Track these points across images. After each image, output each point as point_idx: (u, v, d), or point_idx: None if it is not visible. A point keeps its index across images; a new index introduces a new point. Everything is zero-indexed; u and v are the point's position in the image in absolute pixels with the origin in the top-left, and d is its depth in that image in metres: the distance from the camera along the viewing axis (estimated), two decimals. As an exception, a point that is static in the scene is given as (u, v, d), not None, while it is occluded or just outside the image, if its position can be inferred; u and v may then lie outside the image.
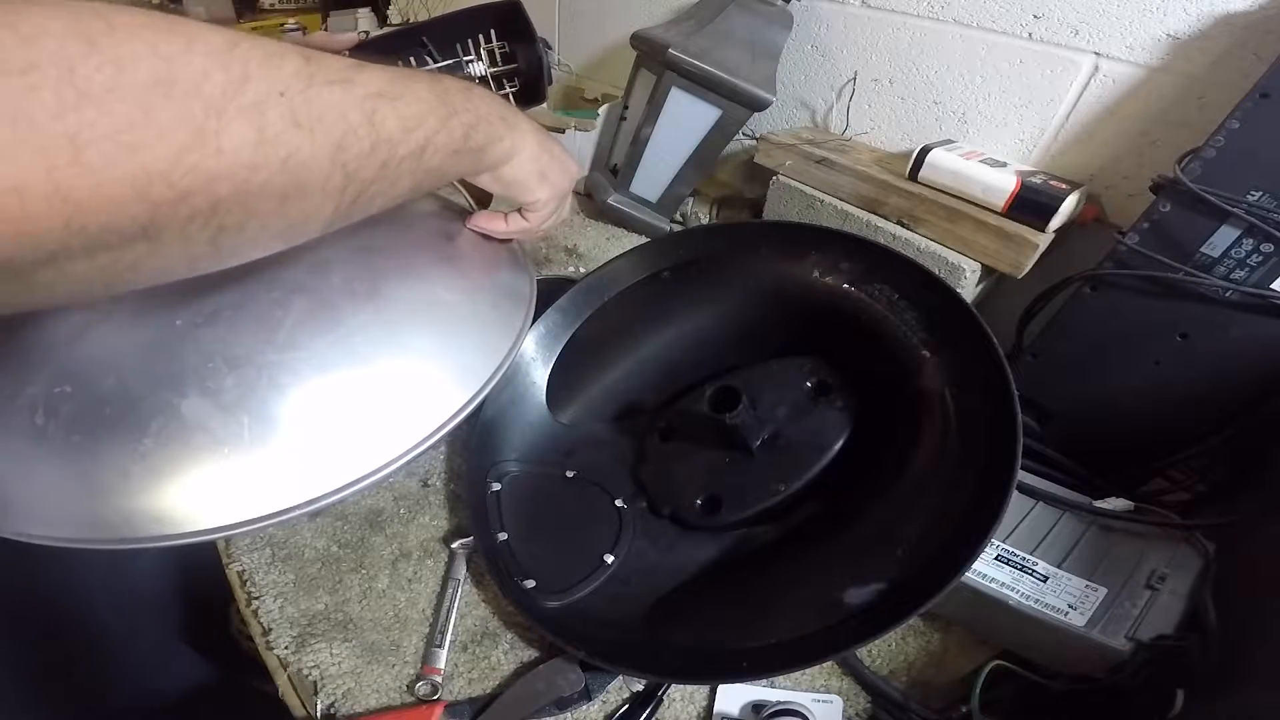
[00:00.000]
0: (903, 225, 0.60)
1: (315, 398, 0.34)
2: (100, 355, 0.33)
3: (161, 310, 0.34)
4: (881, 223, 0.61)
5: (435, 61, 0.46)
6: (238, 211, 0.22)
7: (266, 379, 0.33)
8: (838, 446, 0.42)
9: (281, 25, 2.30)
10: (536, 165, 0.40)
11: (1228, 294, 0.41)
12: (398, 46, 0.46)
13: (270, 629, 0.38)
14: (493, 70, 0.47)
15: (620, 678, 0.37)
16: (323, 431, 0.34)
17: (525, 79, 0.48)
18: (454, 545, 0.43)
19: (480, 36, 0.47)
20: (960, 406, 0.38)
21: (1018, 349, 0.53)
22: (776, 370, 0.47)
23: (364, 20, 1.45)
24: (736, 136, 0.70)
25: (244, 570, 0.41)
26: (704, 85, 0.64)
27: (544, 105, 0.92)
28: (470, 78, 0.47)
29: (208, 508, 0.31)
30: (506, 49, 0.48)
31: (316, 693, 0.36)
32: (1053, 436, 0.49)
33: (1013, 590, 0.36)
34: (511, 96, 0.49)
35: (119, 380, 0.33)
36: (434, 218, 0.49)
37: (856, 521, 0.39)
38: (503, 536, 0.42)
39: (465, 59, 0.47)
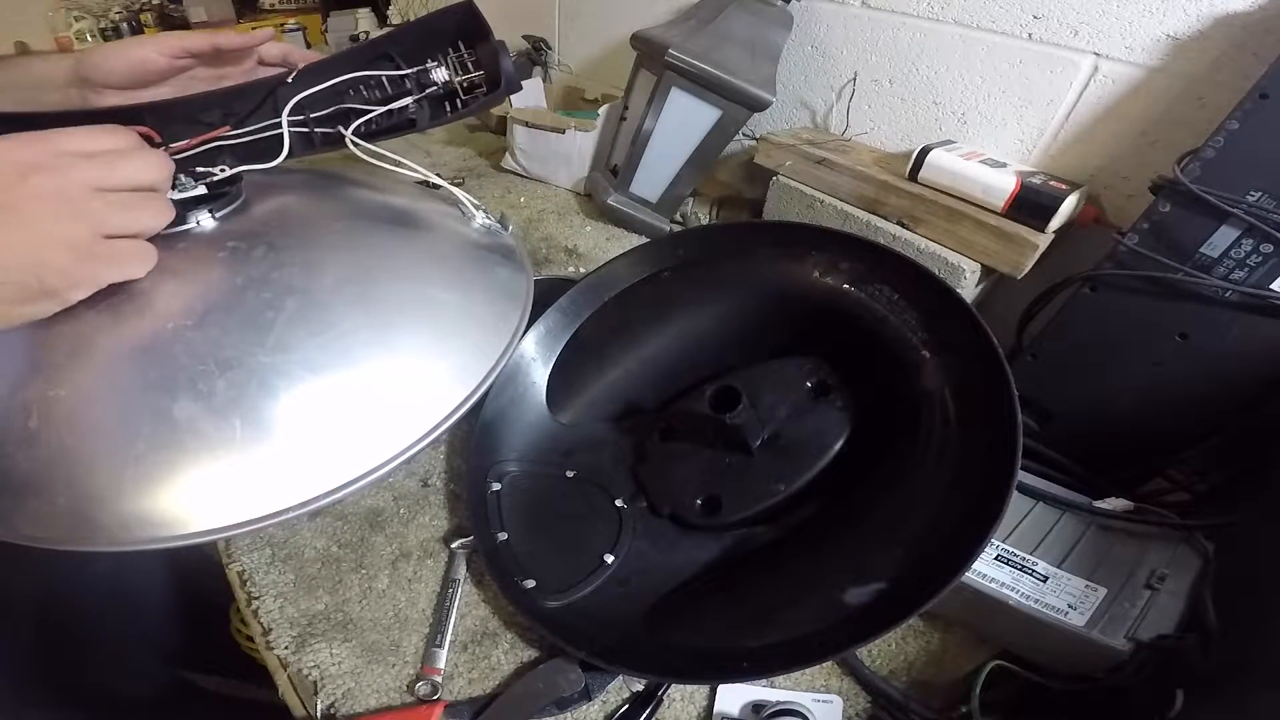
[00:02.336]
0: (903, 225, 0.60)
1: (308, 399, 0.34)
2: (92, 359, 0.33)
3: (152, 313, 0.34)
4: (881, 223, 0.61)
5: (401, 69, 0.47)
6: None
7: (258, 381, 0.33)
8: (838, 446, 0.42)
9: (281, 25, 2.30)
10: None
11: (1227, 294, 0.41)
12: (365, 61, 0.47)
13: (270, 629, 0.38)
14: (460, 79, 0.48)
15: (620, 678, 0.37)
16: (317, 432, 0.34)
17: (490, 81, 0.49)
18: (454, 545, 0.43)
19: (448, 47, 0.48)
20: (960, 406, 0.38)
21: (1018, 349, 0.53)
22: (776, 370, 0.47)
23: (364, 20, 1.46)
24: (736, 137, 0.70)
25: (244, 570, 0.41)
26: (704, 85, 0.65)
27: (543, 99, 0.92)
28: (434, 83, 0.47)
29: (202, 510, 0.31)
30: (475, 57, 0.48)
31: (316, 693, 0.36)
32: (1053, 436, 0.49)
33: (1013, 590, 0.36)
34: (480, 99, 0.50)
35: (111, 384, 0.33)
36: (429, 216, 0.49)
37: (856, 521, 0.39)
38: (503, 536, 0.42)
39: (431, 65, 0.47)
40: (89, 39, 2.15)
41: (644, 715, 0.35)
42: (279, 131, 0.45)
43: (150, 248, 0.34)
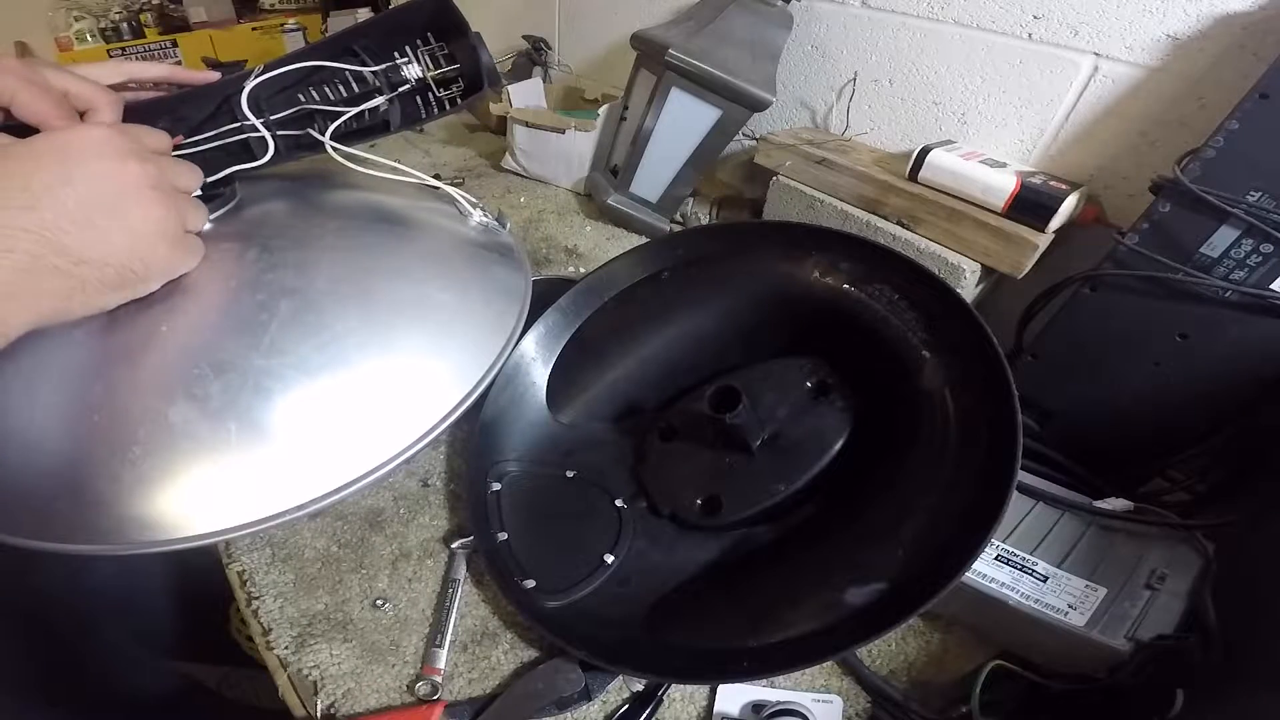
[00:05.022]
0: (903, 225, 0.60)
1: (305, 401, 0.34)
2: (88, 362, 0.33)
3: (146, 316, 0.34)
4: (881, 223, 0.61)
5: (368, 66, 0.45)
6: None
7: (253, 384, 0.33)
8: (838, 446, 0.42)
9: (281, 25, 2.30)
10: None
11: (1227, 294, 0.41)
12: (326, 57, 0.45)
13: (270, 629, 0.38)
14: (433, 74, 0.46)
15: (620, 678, 0.37)
16: (315, 434, 0.34)
17: (467, 77, 0.47)
18: (454, 545, 0.43)
19: (417, 40, 0.46)
20: (960, 406, 0.38)
21: (1018, 349, 0.53)
22: (776, 370, 0.47)
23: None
24: (736, 137, 0.70)
25: (244, 570, 0.41)
26: (704, 85, 0.64)
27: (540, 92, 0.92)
28: (406, 80, 0.46)
29: (200, 513, 0.31)
30: (446, 50, 0.47)
31: (316, 693, 0.36)
32: (1053, 436, 0.49)
33: (1013, 590, 0.36)
34: (457, 99, 0.48)
35: (107, 387, 0.33)
36: (425, 215, 0.49)
37: (856, 521, 0.39)
38: (503, 536, 0.42)
39: (401, 60, 0.46)
40: (89, 39, 2.15)
41: (644, 715, 0.35)
42: (239, 138, 0.43)
43: (200, 242, 0.36)
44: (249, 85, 0.43)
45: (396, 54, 0.46)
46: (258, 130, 0.43)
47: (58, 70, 0.38)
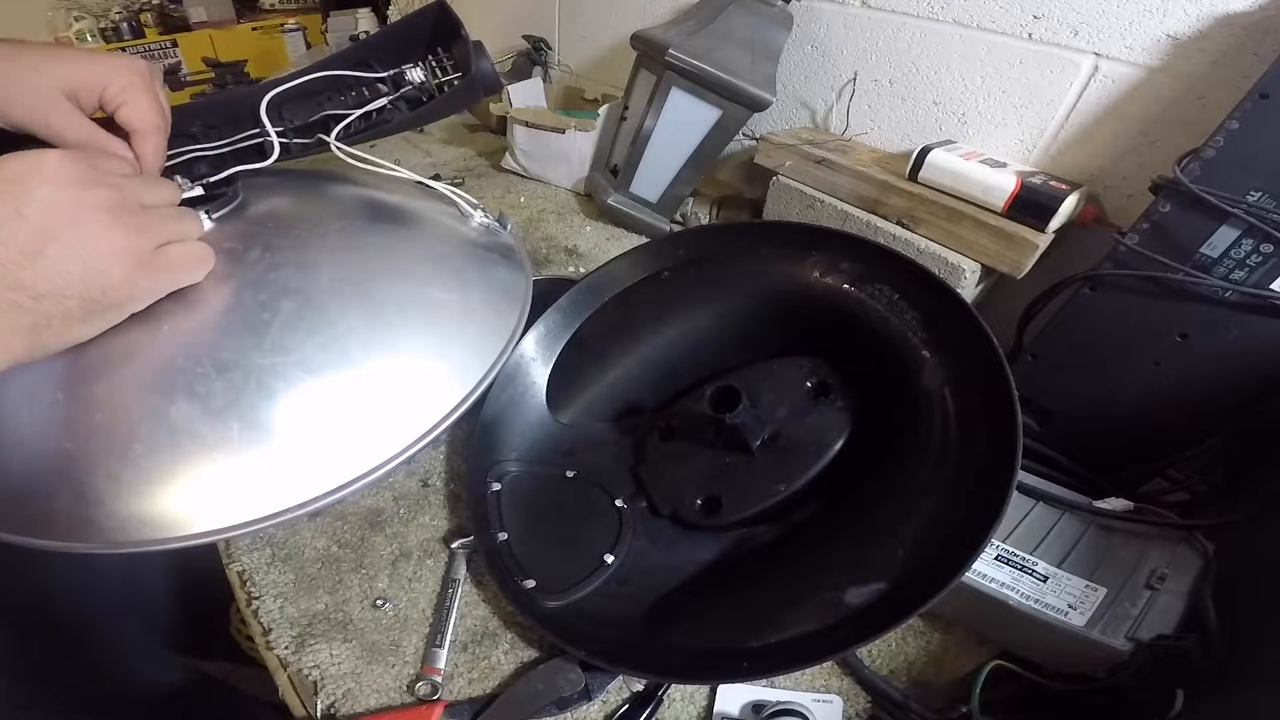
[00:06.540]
0: (903, 225, 0.60)
1: (305, 400, 0.34)
2: (89, 361, 0.33)
3: (148, 315, 0.34)
4: (881, 223, 0.61)
5: (377, 73, 0.48)
6: None
7: (255, 383, 0.33)
8: (838, 446, 0.42)
9: (282, 25, 2.30)
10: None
11: (1227, 294, 0.41)
12: (348, 65, 0.48)
13: (270, 629, 0.38)
14: (435, 81, 0.49)
15: (620, 678, 0.37)
16: (315, 433, 0.34)
17: (464, 79, 0.49)
18: (454, 545, 0.43)
19: (428, 52, 0.49)
20: (960, 406, 0.38)
21: (1018, 349, 0.53)
22: (776, 370, 0.47)
23: (364, 20, 1.46)
24: (736, 136, 0.70)
25: (244, 570, 0.41)
26: (704, 85, 0.65)
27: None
28: (410, 82, 0.49)
29: (201, 511, 0.31)
30: (452, 59, 0.49)
31: (316, 693, 0.36)
32: (1053, 436, 0.49)
33: (1013, 590, 0.36)
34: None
35: (108, 386, 0.33)
36: (428, 216, 0.49)
37: (856, 521, 0.39)
38: (503, 536, 0.42)
39: (406, 66, 0.49)
40: (89, 39, 2.16)
41: (644, 715, 0.35)
42: (254, 142, 0.46)
43: (206, 248, 0.35)
44: (279, 89, 0.45)
45: (406, 63, 0.49)
46: (270, 135, 0.45)
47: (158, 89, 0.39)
